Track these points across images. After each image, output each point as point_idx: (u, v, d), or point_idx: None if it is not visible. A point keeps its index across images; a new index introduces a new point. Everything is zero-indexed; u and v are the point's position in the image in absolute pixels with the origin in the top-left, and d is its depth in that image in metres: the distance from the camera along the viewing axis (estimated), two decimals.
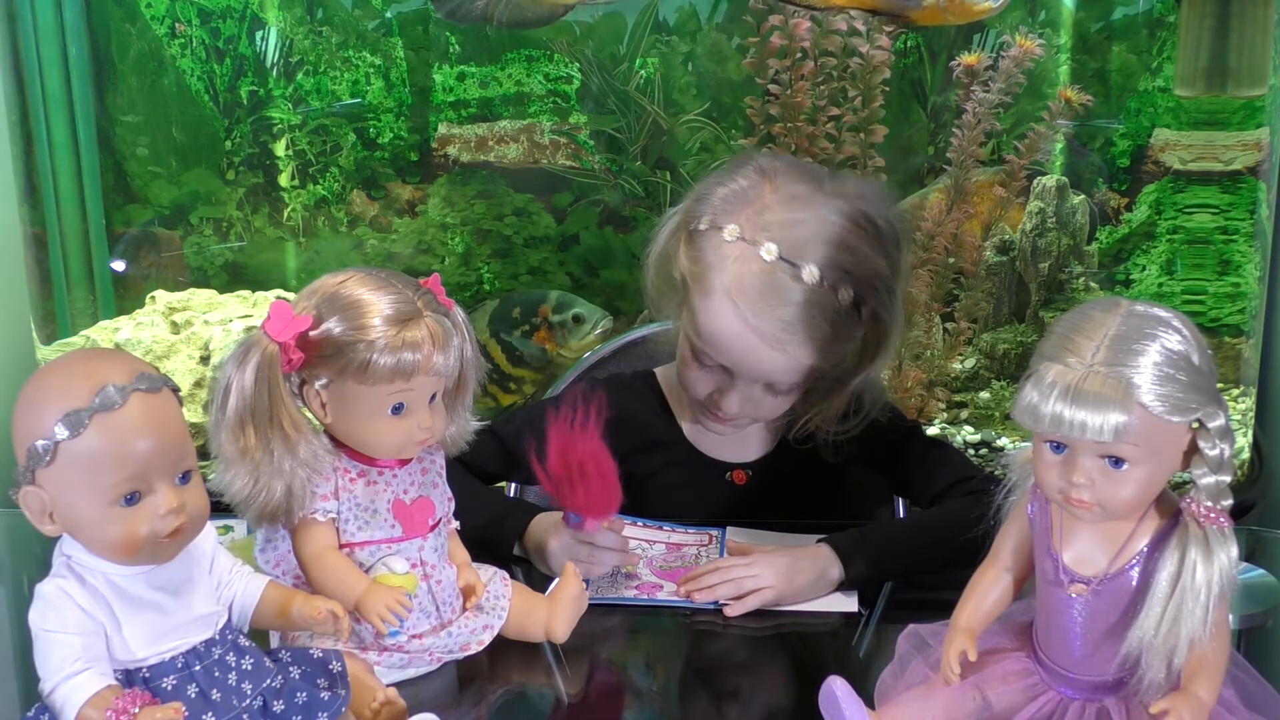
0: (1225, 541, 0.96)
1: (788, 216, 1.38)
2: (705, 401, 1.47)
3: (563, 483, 1.31)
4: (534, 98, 2.54)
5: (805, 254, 1.36)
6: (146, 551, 0.96)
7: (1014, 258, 2.47)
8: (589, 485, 1.30)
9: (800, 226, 1.38)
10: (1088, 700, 1.02)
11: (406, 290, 1.15)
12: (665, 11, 2.49)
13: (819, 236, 1.37)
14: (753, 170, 1.43)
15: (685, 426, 1.57)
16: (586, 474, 1.30)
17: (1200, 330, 0.98)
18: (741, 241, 1.38)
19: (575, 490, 1.31)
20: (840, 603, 1.34)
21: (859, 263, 1.38)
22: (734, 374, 1.43)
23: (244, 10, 2.53)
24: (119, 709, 0.92)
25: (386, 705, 1.08)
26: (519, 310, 2.56)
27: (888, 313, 1.42)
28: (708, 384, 1.46)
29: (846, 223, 1.38)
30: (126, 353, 1.90)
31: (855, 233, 1.38)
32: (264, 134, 2.59)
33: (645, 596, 1.36)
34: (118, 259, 2.63)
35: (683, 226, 1.45)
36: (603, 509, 1.33)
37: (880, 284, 1.40)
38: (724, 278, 1.38)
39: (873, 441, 1.52)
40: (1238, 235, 2.41)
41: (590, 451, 1.30)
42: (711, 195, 1.42)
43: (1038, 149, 2.35)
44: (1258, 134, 2.36)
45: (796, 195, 1.40)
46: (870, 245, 1.39)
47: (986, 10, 2.24)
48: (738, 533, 1.46)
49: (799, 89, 2.32)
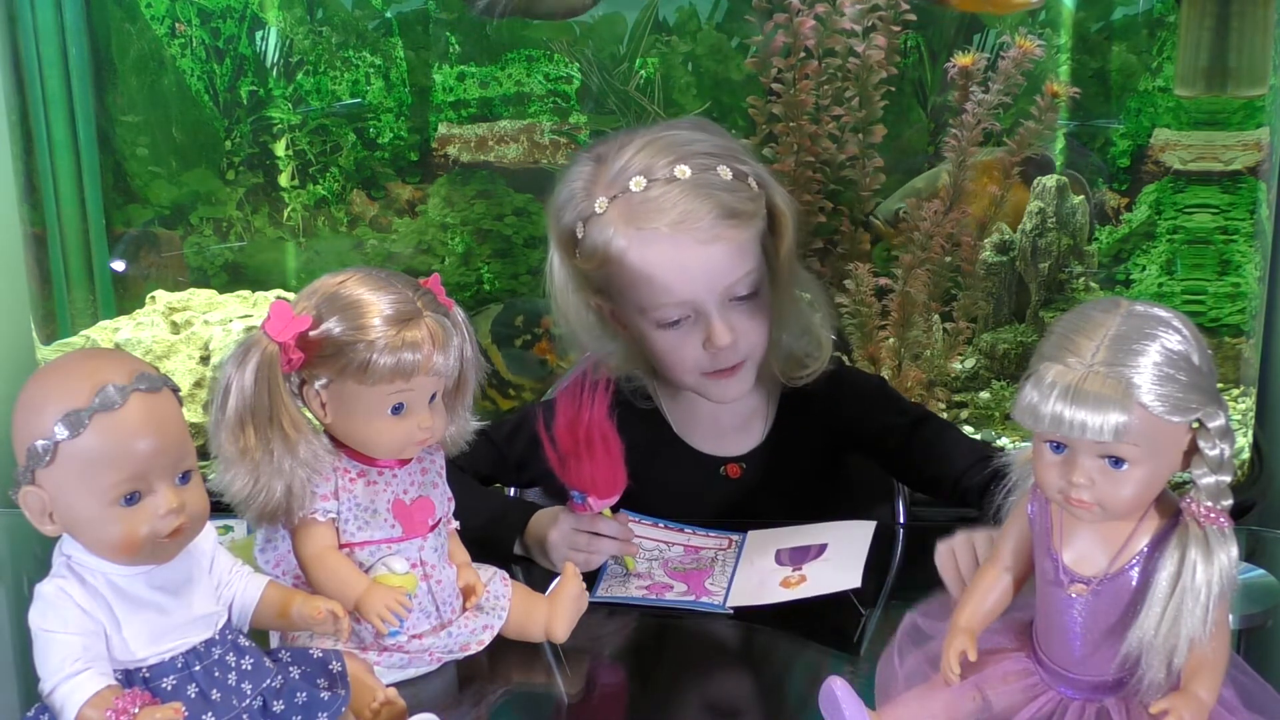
0: (1225, 541, 0.96)
1: (629, 157, 1.44)
2: (698, 358, 1.46)
3: (569, 457, 1.31)
4: (534, 98, 2.54)
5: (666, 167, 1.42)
6: (146, 551, 0.96)
7: (1014, 258, 2.47)
8: (595, 460, 1.30)
9: (644, 151, 1.44)
10: (1088, 700, 1.02)
11: (406, 290, 1.16)
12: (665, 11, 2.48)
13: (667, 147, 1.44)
14: (585, 161, 1.48)
15: (675, 424, 1.57)
16: (593, 448, 1.30)
17: (1200, 330, 0.98)
18: (610, 200, 1.42)
19: (581, 465, 1.31)
20: (841, 579, 1.33)
21: (719, 146, 1.45)
22: (702, 307, 1.43)
23: (244, 10, 2.53)
24: (119, 709, 0.92)
25: (386, 705, 1.08)
26: (522, 318, 2.56)
27: (764, 178, 1.48)
28: (693, 344, 1.45)
29: (682, 131, 1.47)
30: (126, 353, 1.90)
31: (690, 133, 1.47)
32: (264, 134, 2.58)
33: (654, 597, 1.36)
34: (118, 259, 2.62)
35: (566, 250, 1.48)
36: (607, 487, 1.33)
37: (744, 158, 1.47)
38: (625, 233, 1.42)
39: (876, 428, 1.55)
40: (1238, 235, 2.40)
41: (598, 426, 1.30)
42: (566, 203, 1.47)
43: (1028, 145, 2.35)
44: (1258, 134, 2.35)
45: (626, 143, 1.46)
46: (710, 134, 1.48)
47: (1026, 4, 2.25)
48: (758, 536, 1.46)
49: (802, 88, 2.32)
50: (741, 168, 1.45)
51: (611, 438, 1.32)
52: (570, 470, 1.32)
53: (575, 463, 1.31)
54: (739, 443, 1.57)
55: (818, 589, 1.32)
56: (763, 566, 1.39)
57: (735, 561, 1.42)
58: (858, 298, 2.41)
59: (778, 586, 1.35)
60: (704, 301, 1.43)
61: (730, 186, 1.43)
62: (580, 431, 1.30)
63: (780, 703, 1.22)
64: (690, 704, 1.22)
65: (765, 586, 1.35)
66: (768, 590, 1.34)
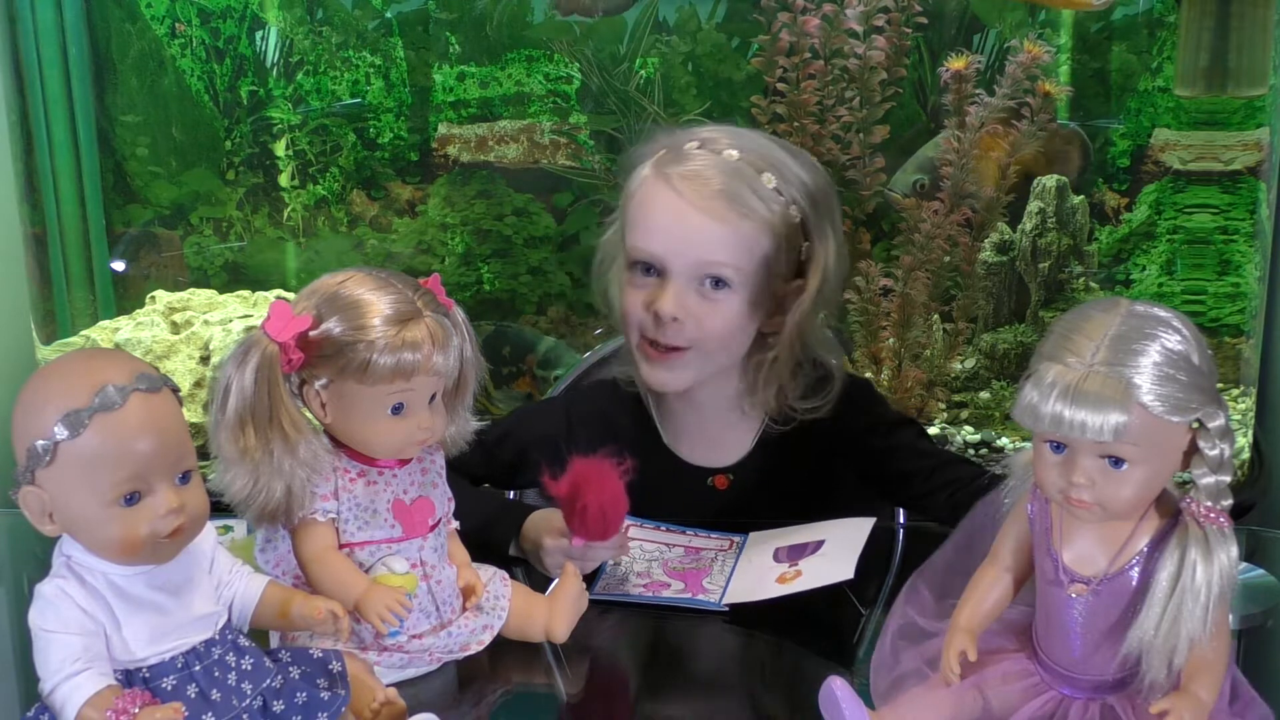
0: (1225, 541, 0.96)
1: (706, 132, 1.48)
2: (642, 317, 1.45)
3: (564, 505, 1.31)
4: (534, 98, 2.54)
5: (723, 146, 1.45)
6: (146, 551, 0.96)
7: (1014, 258, 2.47)
8: (588, 521, 1.30)
9: (722, 134, 1.47)
10: (1088, 700, 1.02)
11: (406, 290, 1.15)
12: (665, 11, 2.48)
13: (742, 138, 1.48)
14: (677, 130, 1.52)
15: (665, 434, 1.57)
16: (588, 512, 1.29)
17: (1200, 330, 0.98)
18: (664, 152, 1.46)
19: (572, 518, 1.30)
20: (835, 571, 1.32)
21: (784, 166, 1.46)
22: (667, 269, 1.43)
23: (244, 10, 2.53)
24: (119, 709, 0.92)
25: (386, 705, 1.08)
26: (509, 349, 2.56)
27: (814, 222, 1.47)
28: (642, 291, 1.45)
29: (768, 141, 1.50)
30: (126, 353, 1.90)
31: (774, 145, 1.49)
32: (264, 134, 2.59)
33: (651, 595, 1.36)
34: (118, 259, 2.62)
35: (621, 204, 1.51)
36: (595, 538, 1.32)
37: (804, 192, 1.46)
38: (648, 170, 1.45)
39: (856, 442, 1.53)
40: (1238, 235, 2.40)
41: (602, 494, 1.29)
42: (643, 151, 1.50)
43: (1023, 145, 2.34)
44: (1258, 134, 2.36)
45: (718, 127, 1.50)
46: (789, 155, 1.48)
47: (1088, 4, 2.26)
48: (759, 537, 1.46)
49: (806, 88, 2.32)
50: (792, 191, 1.45)
51: (612, 508, 1.30)
52: (564, 514, 1.32)
53: (568, 512, 1.31)
54: (726, 454, 1.56)
55: (811, 582, 1.32)
56: (760, 564, 1.39)
57: (735, 561, 1.42)
58: (866, 295, 2.40)
59: (774, 583, 1.35)
60: (671, 263, 1.43)
61: (761, 190, 1.43)
62: (580, 498, 1.29)
63: (780, 702, 1.22)
64: (691, 704, 1.22)
65: (761, 583, 1.35)
66: (764, 586, 1.34)
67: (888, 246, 2.46)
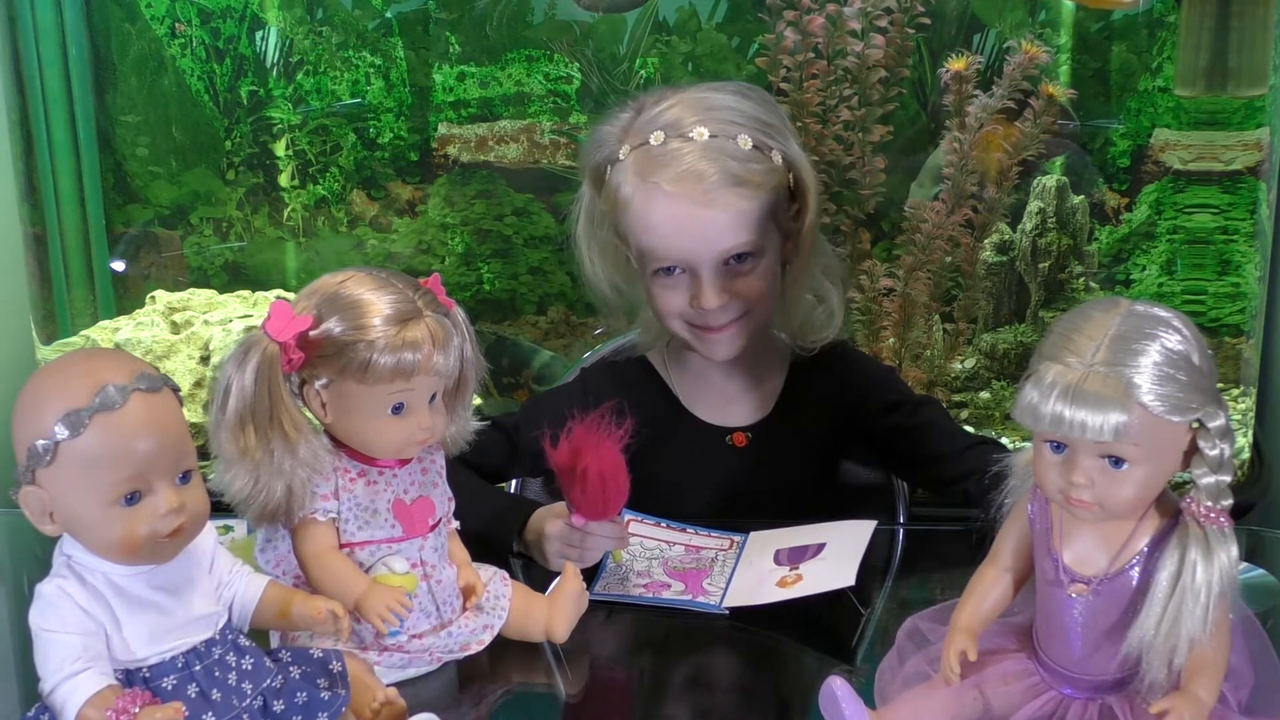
0: (1225, 541, 0.96)
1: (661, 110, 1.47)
2: (684, 310, 1.49)
3: (564, 474, 1.31)
4: (534, 98, 2.54)
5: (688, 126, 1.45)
6: (146, 551, 0.96)
7: (1014, 258, 2.47)
8: (588, 490, 1.30)
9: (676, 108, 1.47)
10: (1089, 700, 1.02)
11: (406, 290, 1.16)
12: (665, 11, 2.48)
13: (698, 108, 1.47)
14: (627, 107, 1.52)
15: (682, 395, 1.59)
16: (588, 479, 1.29)
17: (1200, 330, 0.98)
18: (632, 149, 1.46)
19: (573, 487, 1.31)
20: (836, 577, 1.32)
21: (749, 115, 1.47)
22: (695, 266, 1.45)
23: (244, 10, 2.53)
24: (119, 709, 0.92)
25: (386, 705, 1.08)
26: (507, 360, 2.57)
27: (792, 153, 1.49)
28: (680, 294, 1.48)
29: (720, 95, 1.49)
30: (126, 353, 1.90)
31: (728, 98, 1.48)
32: (264, 134, 2.58)
33: (651, 595, 1.36)
34: (118, 259, 2.62)
35: (595, 187, 1.52)
36: (595, 514, 1.33)
37: (773, 130, 1.48)
38: (632, 182, 1.45)
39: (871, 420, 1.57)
40: (1238, 235, 2.40)
41: (601, 460, 1.29)
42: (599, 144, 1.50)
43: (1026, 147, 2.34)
44: (1258, 134, 2.35)
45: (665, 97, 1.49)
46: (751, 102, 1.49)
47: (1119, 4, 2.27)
48: (760, 537, 1.46)
49: (809, 87, 2.32)
50: (766, 139, 1.47)
51: (613, 476, 1.31)
52: (563, 486, 1.32)
53: (568, 482, 1.31)
54: (745, 413, 1.59)
55: (813, 588, 1.32)
56: (761, 567, 1.39)
57: (735, 562, 1.42)
58: (870, 294, 2.40)
59: (774, 586, 1.34)
60: (697, 261, 1.46)
61: (744, 155, 1.44)
62: (580, 463, 1.29)
63: (780, 702, 1.22)
64: (691, 704, 1.22)
65: (762, 586, 1.35)
66: (764, 590, 1.34)
67: (888, 246, 2.46)
